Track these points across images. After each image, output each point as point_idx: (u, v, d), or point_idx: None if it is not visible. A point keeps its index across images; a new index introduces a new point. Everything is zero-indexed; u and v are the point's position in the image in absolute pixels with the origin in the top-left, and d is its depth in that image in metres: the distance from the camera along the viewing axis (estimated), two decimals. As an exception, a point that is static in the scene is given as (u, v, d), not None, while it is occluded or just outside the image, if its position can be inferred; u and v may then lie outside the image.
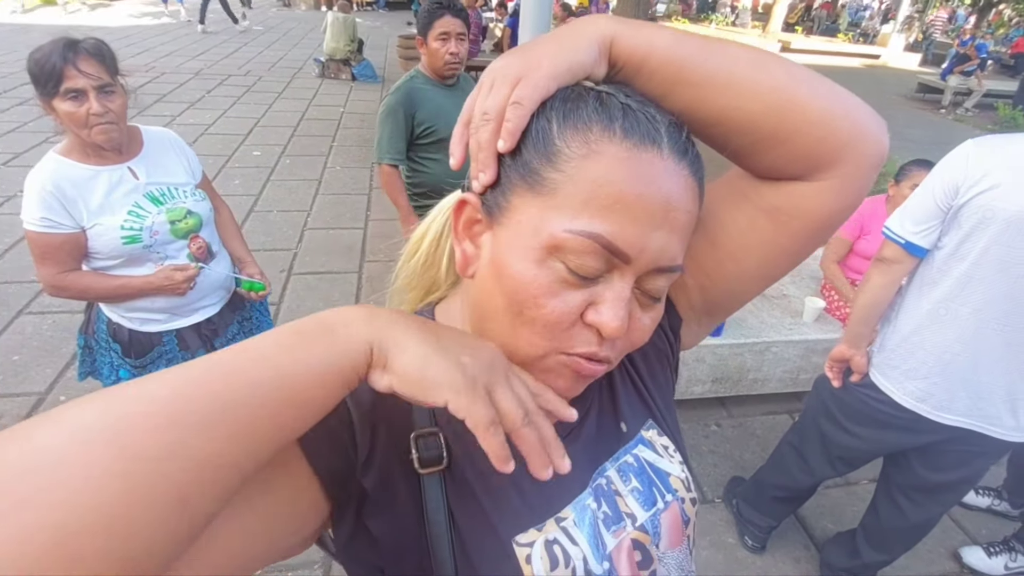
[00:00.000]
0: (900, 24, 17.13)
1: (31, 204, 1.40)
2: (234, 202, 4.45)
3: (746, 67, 0.44)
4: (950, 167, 1.37)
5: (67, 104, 1.37)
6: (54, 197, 1.39)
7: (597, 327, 0.42)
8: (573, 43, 0.43)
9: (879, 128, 0.47)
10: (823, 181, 0.47)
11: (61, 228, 1.41)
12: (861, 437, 1.68)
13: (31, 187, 1.41)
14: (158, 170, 1.58)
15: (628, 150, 0.40)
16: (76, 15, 12.58)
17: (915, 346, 1.50)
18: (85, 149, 1.47)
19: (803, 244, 0.53)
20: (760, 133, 0.46)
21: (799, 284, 3.00)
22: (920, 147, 1.64)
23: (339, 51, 8.48)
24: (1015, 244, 1.30)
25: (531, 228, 0.42)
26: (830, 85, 0.46)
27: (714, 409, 2.77)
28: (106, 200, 1.47)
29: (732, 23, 21.91)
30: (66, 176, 1.43)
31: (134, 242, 1.49)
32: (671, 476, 0.56)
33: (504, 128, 0.42)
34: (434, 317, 0.56)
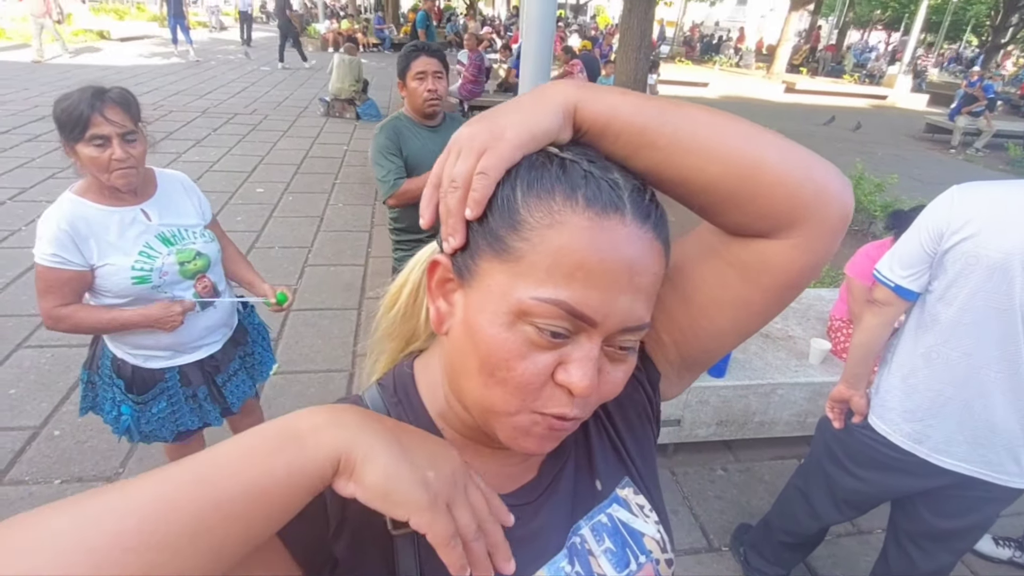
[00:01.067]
0: (906, 65, 17.66)
1: (44, 240, 1.44)
2: (237, 238, 4.43)
3: (707, 131, 0.45)
4: (935, 212, 1.39)
5: (91, 149, 1.42)
6: (67, 235, 1.44)
7: (567, 387, 0.43)
8: (537, 111, 0.44)
9: (841, 188, 0.47)
10: (790, 240, 0.48)
11: (69, 265, 1.45)
12: (865, 480, 1.65)
13: (47, 224, 1.45)
14: (170, 212, 1.62)
15: (590, 219, 0.41)
16: (83, 56, 12.91)
17: (911, 388, 1.49)
18: (102, 190, 1.51)
19: (773, 300, 0.53)
20: (723, 193, 0.46)
21: (804, 325, 2.97)
22: (931, 187, 1.65)
23: (344, 91, 8.68)
24: (1000, 290, 1.30)
25: (499, 293, 0.43)
26: (792, 147, 0.47)
27: (720, 453, 2.70)
28: (119, 240, 1.51)
29: (736, 64, 22.59)
30: (81, 215, 1.47)
31: (143, 282, 1.53)
32: (645, 536, 0.56)
33: (471, 197, 0.43)
34: (413, 369, 0.57)
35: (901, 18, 30.06)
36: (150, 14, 21.42)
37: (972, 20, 28.38)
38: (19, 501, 2.16)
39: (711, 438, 2.57)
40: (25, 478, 2.26)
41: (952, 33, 30.56)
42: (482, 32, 13.69)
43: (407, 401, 0.54)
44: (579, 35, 15.29)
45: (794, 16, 18.52)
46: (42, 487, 2.22)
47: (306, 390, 2.90)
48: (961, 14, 27.42)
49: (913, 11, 20.12)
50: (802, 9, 19.07)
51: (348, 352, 3.26)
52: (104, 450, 2.42)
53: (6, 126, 6.80)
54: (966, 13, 27.57)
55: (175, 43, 13.67)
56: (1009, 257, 1.27)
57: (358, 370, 3.12)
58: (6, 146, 6.13)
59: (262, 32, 19.94)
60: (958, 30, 30.56)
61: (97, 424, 2.52)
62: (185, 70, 11.96)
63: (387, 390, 0.56)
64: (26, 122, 7.01)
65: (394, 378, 0.57)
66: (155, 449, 2.42)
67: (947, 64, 27.29)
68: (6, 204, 4.73)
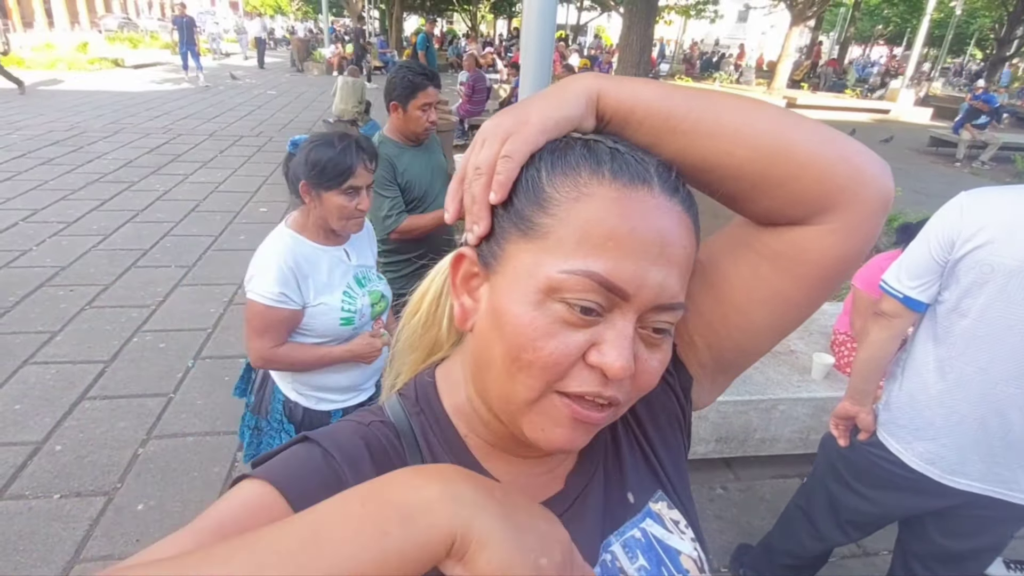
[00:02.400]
0: (909, 79, 17.68)
1: (269, 278, 1.42)
2: (238, 257, 4.54)
3: (733, 113, 0.45)
4: (944, 221, 1.34)
5: (342, 198, 1.46)
6: (292, 273, 1.44)
7: (601, 368, 0.40)
8: (560, 99, 0.44)
9: (880, 171, 0.45)
10: (825, 225, 0.46)
11: (290, 304, 1.45)
12: (871, 499, 1.59)
13: (270, 261, 1.44)
14: (359, 253, 1.65)
15: (618, 190, 0.41)
16: (100, 79, 13.23)
17: (923, 405, 1.43)
18: (319, 229, 1.53)
19: (811, 293, 0.50)
20: (752, 178, 0.45)
21: (807, 340, 2.92)
22: (936, 201, 1.64)
23: (347, 112, 8.79)
24: (1016, 300, 1.25)
25: (527, 272, 0.41)
26: (823, 129, 0.45)
27: (720, 471, 2.65)
28: (328, 279, 1.52)
29: (736, 81, 22.72)
30: (301, 252, 1.49)
31: (348, 324, 1.55)
32: (682, 555, 0.52)
33: (495, 180, 0.43)
34: (435, 378, 0.54)
35: (903, 33, 30.23)
36: (162, 42, 21.98)
37: (975, 33, 28.49)
38: (18, 516, 2.16)
39: (710, 455, 2.53)
40: (25, 492, 2.27)
41: (955, 47, 30.67)
42: (483, 53, 13.87)
43: (429, 410, 0.52)
44: (578, 54, 15.45)
45: (795, 32, 18.64)
46: (41, 501, 2.23)
47: (303, 408, 2.89)
48: (964, 28, 27.54)
49: (915, 26, 20.22)
50: (803, 25, 19.18)
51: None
52: (103, 465, 2.42)
53: (22, 149, 6.98)
54: (969, 27, 27.69)
55: (185, 69, 14.02)
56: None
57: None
58: (21, 168, 6.28)
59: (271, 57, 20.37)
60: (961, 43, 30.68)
61: (96, 439, 2.55)
62: (194, 94, 12.22)
63: (409, 400, 0.53)
64: (41, 146, 7.19)
65: (415, 388, 0.55)
66: (152, 464, 2.43)
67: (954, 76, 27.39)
68: (18, 225, 4.84)
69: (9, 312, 3.57)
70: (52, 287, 3.91)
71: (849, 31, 25.86)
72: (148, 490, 2.32)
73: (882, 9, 28.20)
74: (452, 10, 26.12)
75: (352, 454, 0.45)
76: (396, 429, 0.50)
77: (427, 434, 0.51)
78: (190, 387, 2.98)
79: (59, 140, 7.57)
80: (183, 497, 2.29)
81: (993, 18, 21.27)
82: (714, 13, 22.45)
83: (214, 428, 2.69)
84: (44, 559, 2.01)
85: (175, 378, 3.04)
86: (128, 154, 7.20)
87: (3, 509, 2.19)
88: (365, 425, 0.49)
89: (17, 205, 5.24)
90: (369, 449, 0.47)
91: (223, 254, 4.64)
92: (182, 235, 4.92)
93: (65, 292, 3.85)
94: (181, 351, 3.28)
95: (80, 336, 3.36)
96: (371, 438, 0.48)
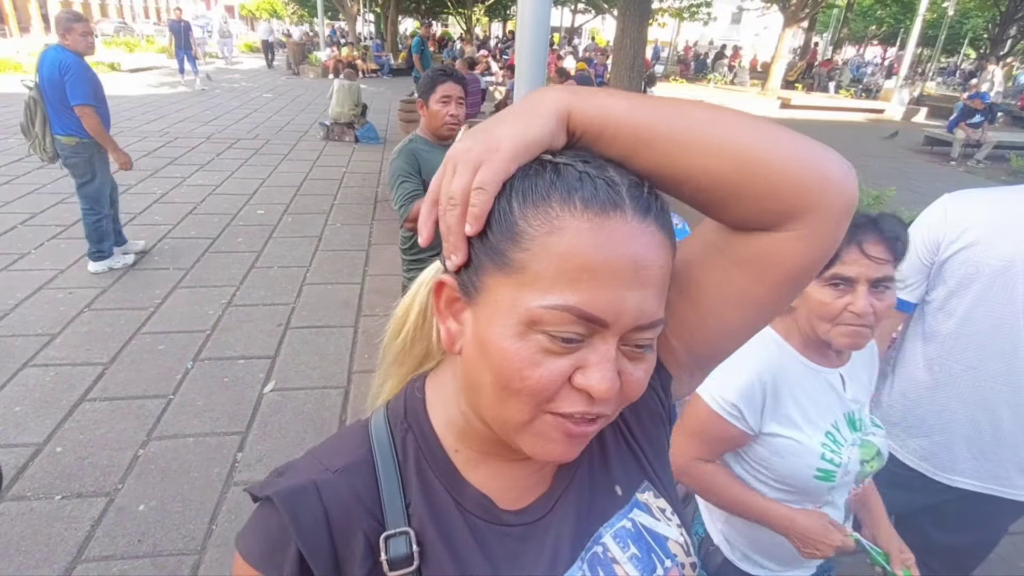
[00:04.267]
0: (903, 79, 17.78)
1: (732, 385, 1.11)
2: (236, 259, 4.56)
3: (704, 125, 0.45)
4: (929, 223, 1.36)
5: (832, 293, 1.06)
6: (763, 390, 1.10)
7: (587, 390, 0.42)
8: (529, 119, 0.44)
9: (845, 176, 0.46)
10: (794, 231, 0.47)
11: (740, 423, 1.12)
12: None
13: (744, 366, 1.11)
14: (856, 382, 1.20)
15: (590, 220, 0.41)
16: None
17: (914, 403, 1.45)
18: (807, 340, 1.14)
19: (781, 294, 0.52)
20: (726, 188, 0.46)
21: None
22: (931, 199, 1.64)
23: (344, 115, 8.83)
24: (1002, 299, 1.27)
25: (507, 306, 0.42)
26: (792, 137, 0.46)
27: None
28: (813, 411, 1.12)
29: (731, 82, 22.78)
30: (786, 368, 1.12)
31: (827, 479, 1.10)
32: (669, 540, 0.55)
33: (470, 213, 0.43)
34: (424, 393, 0.56)
35: (897, 33, 30.40)
36: (159, 46, 21.96)
37: (969, 33, 28.66)
38: (20, 517, 2.17)
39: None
40: (27, 494, 2.28)
41: (949, 46, 30.84)
42: (478, 55, 13.92)
43: (418, 428, 0.54)
44: (573, 57, 15.49)
45: (788, 33, 18.74)
46: (43, 503, 2.24)
47: (302, 407, 2.91)
48: (958, 28, 27.70)
49: (908, 26, 20.33)
50: (796, 26, 19.29)
51: (344, 369, 3.27)
52: (104, 466, 2.43)
53: (20, 153, 6.93)
54: (963, 27, 27.85)
55: (181, 73, 14.03)
56: (1011, 263, 1.25)
57: (354, 387, 3.12)
58: (19, 172, 6.27)
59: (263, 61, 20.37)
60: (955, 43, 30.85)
61: (97, 441, 2.56)
62: (191, 98, 12.21)
63: (396, 416, 0.55)
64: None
65: (404, 402, 0.56)
66: (153, 465, 2.44)
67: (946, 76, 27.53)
68: (17, 228, 4.85)
69: (9, 315, 3.57)
70: (51, 290, 3.91)
71: (842, 32, 26.00)
72: (149, 491, 2.33)
73: (875, 10, 28.35)
74: (447, 13, 26.18)
75: (308, 526, 0.47)
76: (373, 459, 0.52)
77: (415, 452, 0.53)
78: (189, 388, 2.99)
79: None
80: (184, 497, 2.31)
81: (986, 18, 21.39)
82: (707, 15, 22.54)
83: (214, 429, 2.71)
84: (46, 559, 2.02)
85: (175, 379, 3.05)
86: (124, 157, 7.23)
87: (5, 510, 2.20)
88: (332, 473, 0.50)
89: (16, 208, 5.25)
90: (327, 516, 0.48)
91: (221, 256, 4.65)
92: (180, 237, 4.93)
93: (64, 295, 3.86)
94: (180, 353, 3.29)
95: (79, 338, 3.36)
96: (332, 499, 0.48)
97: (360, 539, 0.48)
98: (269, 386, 3.06)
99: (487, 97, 9.57)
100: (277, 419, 2.80)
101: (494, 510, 0.52)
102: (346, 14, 21.98)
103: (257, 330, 3.59)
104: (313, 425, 2.78)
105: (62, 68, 3.59)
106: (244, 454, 2.56)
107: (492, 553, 0.50)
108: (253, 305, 3.90)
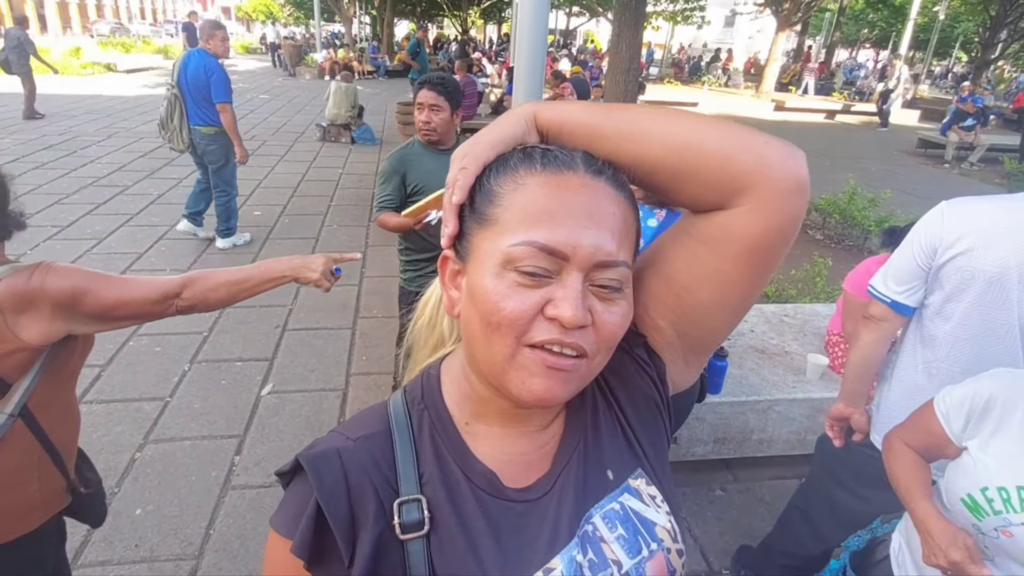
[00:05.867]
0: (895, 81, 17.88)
1: (958, 389, 1.11)
2: (234, 260, 4.52)
3: (646, 120, 0.54)
4: (927, 228, 1.38)
5: None
6: (973, 403, 1.07)
7: (557, 318, 0.48)
8: (505, 124, 0.55)
9: (784, 155, 0.52)
10: (742, 207, 0.52)
11: (944, 424, 1.11)
12: (868, 499, 1.60)
13: (978, 380, 1.09)
14: None
15: (547, 176, 0.51)
16: (93, 83, 13.13)
17: (914, 405, 1.45)
18: None
19: (745, 268, 0.56)
20: (669, 171, 0.53)
21: (801, 341, 2.95)
22: (926, 202, 1.67)
23: (340, 116, 8.81)
24: (997, 303, 1.29)
25: (487, 253, 0.50)
26: (731, 127, 0.53)
27: (719, 472, 2.67)
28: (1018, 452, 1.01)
29: (725, 84, 22.88)
30: (1019, 401, 1.03)
31: (974, 512, 1.03)
32: (657, 526, 0.58)
33: (456, 186, 0.53)
34: (440, 371, 0.62)
35: (889, 36, 30.63)
36: (155, 47, 21.86)
37: (960, 37, 28.91)
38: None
39: (709, 456, 2.55)
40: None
41: (941, 50, 31.08)
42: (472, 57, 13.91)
43: (432, 405, 0.59)
44: (568, 60, 15.52)
45: (781, 36, 18.84)
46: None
47: (300, 409, 2.89)
48: (949, 31, 27.94)
49: (900, 30, 20.48)
50: (789, 30, 19.41)
51: (342, 371, 3.25)
52: (101, 469, 2.27)
53: (16, 154, 6.94)
54: (954, 31, 28.09)
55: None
56: (1005, 269, 1.26)
57: (352, 389, 3.11)
58: (15, 173, 5.91)
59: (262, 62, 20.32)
60: (947, 47, 31.10)
61: (93, 444, 2.52)
62: (186, 98, 12.15)
63: (413, 396, 0.61)
64: (35, 150, 7.18)
65: (422, 382, 0.62)
66: (150, 469, 2.41)
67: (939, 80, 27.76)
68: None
69: (1, 317, 3.52)
70: (45, 292, 3.87)
71: (835, 35, 26.17)
72: (146, 494, 2.30)
73: (867, 14, 28.56)
74: (443, 15, 26.18)
75: (329, 485, 0.52)
76: (391, 431, 0.57)
77: (430, 427, 0.58)
78: (187, 391, 2.96)
79: (53, 144, 7.53)
80: (181, 501, 2.28)
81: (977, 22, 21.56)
82: (701, 19, 22.64)
83: (211, 432, 2.68)
84: (42, 565, 1.99)
85: (171, 382, 3.02)
86: (122, 158, 7.17)
87: None
88: (352, 441, 0.56)
89: (11, 209, 5.20)
90: (347, 479, 0.53)
91: (218, 257, 4.62)
92: (176, 239, 4.89)
93: (58, 297, 3.81)
94: (177, 355, 3.26)
95: (74, 341, 3.33)
96: (351, 463, 0.54)
97: (375, 502, 0.52)
98: (267, 388, 3.03)
99: (483, 99, 9.56)
100: (275, 422, 2.78)
101: (499, 486, 0.56)
102: (342, 16, 21.96)
103: (254, 332, 3.57)
104: (311, 427, 2.76)
105: (208, 70, 4.20)
106: (242, 457, 2.54)
107: (496, 525, 0.54)
108: (250, 307, 3.86)
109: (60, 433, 1.18)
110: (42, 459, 1.15)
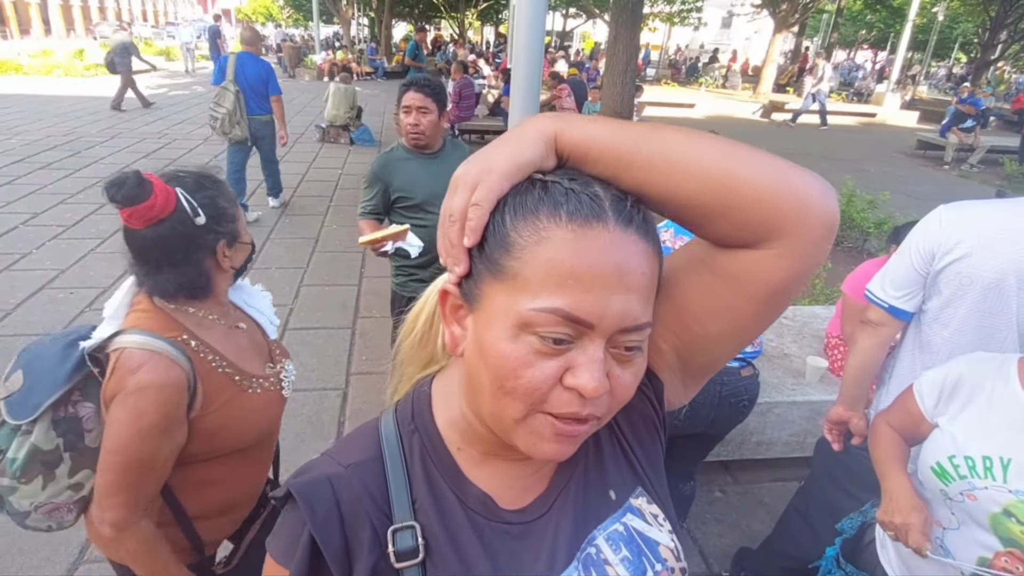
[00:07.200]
0: (894, 83, 17.92)
1: (934, 371, 1.16)
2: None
3: (680, 149, 0.48)
4: (925, 233, 1.37)
5: None
6: (945, 380, 1.13)
7: (577, 389, 0.45)
8: (520, 143, 0.48)
9: (824, 198, 0.48)
10: (773, 250, 0.49)
11: (920, 403, 1.17)
12: (867, 502, 1.61)
13: (953, 362, 1.15)
14: None
15: (574, 230, 0.45)
16: (96, 85, 13.13)
17: None
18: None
19: (762, 309, 0.54)
20: (702, 208, 0.48)
21: (800, 343, 2.95)
22: (926, 204, 1.68)
23: (339, 117, 8.82)
24: (995, 310, 1.29)
25: (502, 311, 0.46)
26: (768, 159, 0.48)
27: (718, 474, 2.68)
28: (984, 429, 1.05)
29: (722, 85, 22.86)
30: (987, 385, 1.09)
31: (942, 478, 1.07)
32: (660, 545, 0.57)
33: (468, 227, 0.47)
34: (431, 389, 0.60)
35: (887, 37, 30.65)
36: (156, 48, 21.85)
37: (959, 38, 28.93)
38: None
39: (709, 458, 2.55)
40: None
41: (940, 51, 31.10)
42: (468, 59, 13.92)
43: (423, 428, 0.57)
44: (565, 61, 15.51)
45: (778, 38, 18.85)
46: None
47: (300, 409, 2.89)
48: (948, 32, 27.96)
49: (898, 30, 20.50)
50: (786, 31, 19.42)
51: (342, 371, 3.26)
52: None
53: (21, 155, 6.95)
54: (953, 31, 28.11)
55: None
56: (1003, 275, 1.26)
57: (352, 389, 3.11)
58: (20, 173, 6.26)
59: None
60: (946, 48, 31.13)
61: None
62: (189, 99, 12.15)
63: (404, 417, 0.59)
64: (39, 151, 7.19)
65: (412, 402, 0.60)
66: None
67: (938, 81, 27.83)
68: (18, 228, 4.84)
69: (10, 314, 3.57)
70: (52, 289, 3.90)
71: (833, 36, 26.18)
72: (149, 496, 2.31)
73: (865, 15, 28.58)
74: (440, 17, 26.18)
75: (322, 515, 0.51)
76: (382, 456, 0.56)
77: (420, 451, 0.56)
78: (189, 393, 2.97)
79: (57, 145, 7.53)
80: (185, 502, 2.29)
81: (976, 23, 21.58)
82: (698, 20, 22.65)
83: (214, 433, 2.69)
84: (49, 560, 2.01)
85: (173, 384, 3.03)
86: (125, 159, 7.18)
87: (5, 514, 2.18)
88: (344, 468, 0.54)
89: (17, 209, 5.25)
90: (339, 508, 0.52)
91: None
92: (177, 241, 4.91)
93: (65, 295, 3.85)
94: (179, 357, 3.27)
95: (77, 342, 3.34)
96: (343, 491, 0.52)
97: (369, 531, 0.51)
98: None
99: (480, 100, 9.58)
100: (277, 423, 2.79)
101: (495, 508, 0.55)
102: (340, 18, 21.96)
103: (256, 334, 3.57)
104: (312, 427, 2.77)
105: (267, 70, 5.22)
106: (245, 459, 2.55)
107: (492, 549, 0.53)
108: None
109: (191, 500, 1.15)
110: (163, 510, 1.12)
